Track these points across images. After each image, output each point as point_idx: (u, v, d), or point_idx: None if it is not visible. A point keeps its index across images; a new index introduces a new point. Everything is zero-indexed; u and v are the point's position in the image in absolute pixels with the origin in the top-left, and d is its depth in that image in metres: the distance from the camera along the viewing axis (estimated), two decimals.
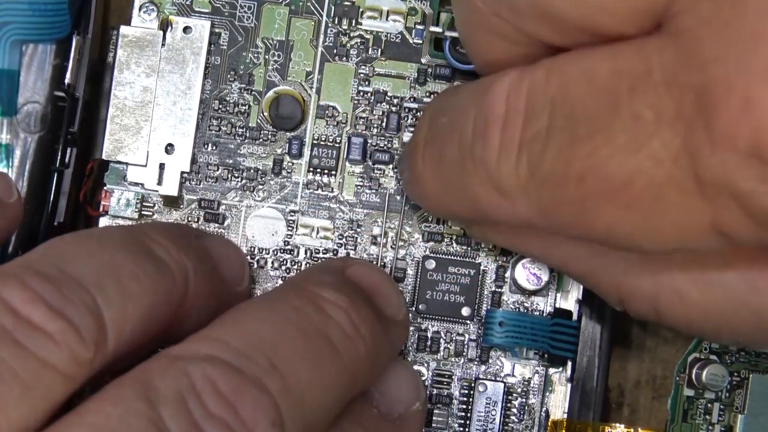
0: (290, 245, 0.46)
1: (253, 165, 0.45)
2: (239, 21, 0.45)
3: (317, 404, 0.35)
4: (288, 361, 0.34)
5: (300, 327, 0.36)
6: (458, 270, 0.45)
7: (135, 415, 0.30)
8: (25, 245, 0.45)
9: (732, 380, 0.47)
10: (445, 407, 0.45)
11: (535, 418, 0.45)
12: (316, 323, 0.36)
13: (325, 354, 0.36)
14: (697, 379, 0.47)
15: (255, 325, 0.35)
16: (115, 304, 0.33)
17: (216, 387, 0.32)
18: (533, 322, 0.44)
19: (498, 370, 0.45)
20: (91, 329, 0.31)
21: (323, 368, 0.35)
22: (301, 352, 0.35)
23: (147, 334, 0.34)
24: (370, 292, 0.40)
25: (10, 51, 0.42)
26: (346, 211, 0.46)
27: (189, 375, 0.32)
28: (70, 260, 0.33)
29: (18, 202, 0.40)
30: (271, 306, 0.38)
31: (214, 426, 0.31)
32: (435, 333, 0.46)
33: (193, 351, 0.33)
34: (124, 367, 0.33)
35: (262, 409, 0.32)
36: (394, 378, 0.41)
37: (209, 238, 0.42)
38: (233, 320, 0.36)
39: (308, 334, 0.36)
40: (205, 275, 0.38)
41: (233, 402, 0.32)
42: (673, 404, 0.47)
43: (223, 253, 0.41)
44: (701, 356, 0.47)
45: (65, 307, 0.31)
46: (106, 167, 0.45)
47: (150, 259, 0.35)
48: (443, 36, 0.44)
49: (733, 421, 0.47)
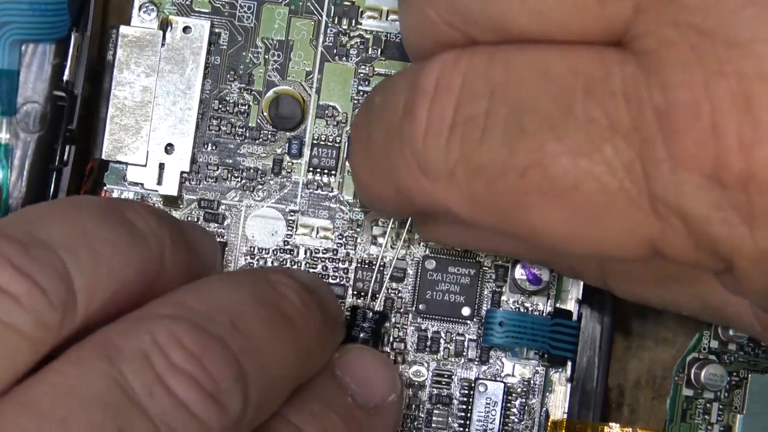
0: (290, 245, 0.46)
1: (253, 165, 0.45)
2: (239, 21, 0.45)
3: (275, 371, 0.34)
4: (248, 325, 0.34)
5: (258, 298, 0.36)
6: (458, 270, 0.45)
7: (95, 375, 0.30)
8: None
9: (731, 380, 0.47)
10: (445, 407, 0.45)
11: (535, 419, 0.45)
12: (272, 297, 0.36)
13: (281, 324, 0.36)
14: (695, 379, 0.47)
15: (216, 292, 0.35)
16: (86, 269, 0.31)
17: (180, 342, 0.31)
18: (533, 322, 0.44)
19: (498, 371, 0.46)
20: (59, 293, 0.30)
21: (281, 337, 0.35)
22: (260, 319, 0.35)
23: (119, 304, 0.33)
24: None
25: (10, 51, 0.42)
26: (346, 211, 0.46)
27: (152, 332, 0.31)
28: (41, 224, 0.32)
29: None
30: (231, 279, 0.38)
31: (179, 379, 0.31)
32: (435, 333, 0.46)
33: (155, 312, 0.33)
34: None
35: (228, 364, 0.32)
36: (371, 368, 0.41)
37: (184, 223, 0.42)
38: (195, 288, 0.35)
39: (265, 304, 0.36)
40: (181, 250, 0.37)
41: (198, 355, 0.31)
42: (672, 404, 0.47)
43: (198, 236, 0.41)
44: (700, 356, 0.47)
45: (32, 270, 0.30)
46: (105, 167, 0.45)
47: (126, 227, 0.34)
48: None
49: (732, 421, 0.47)
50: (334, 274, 0.46)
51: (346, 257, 0.46)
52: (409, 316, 0.45)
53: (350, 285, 0.45)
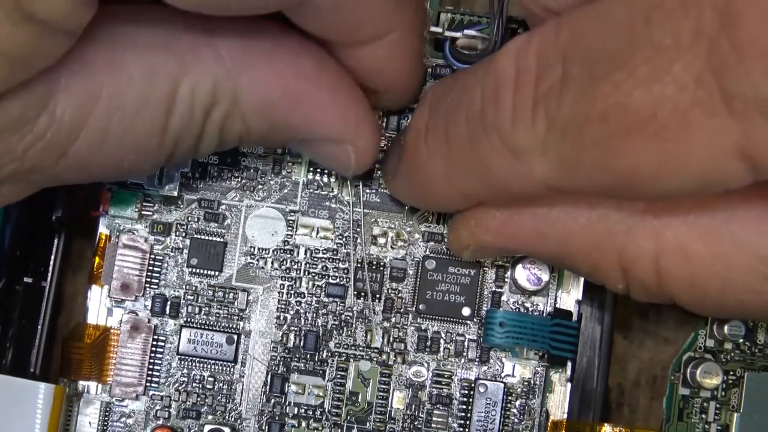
0: (290, 245, 0.46)
1: (253, 165, 0.45)
2: None
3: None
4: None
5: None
6: (458, 270, 0.45)
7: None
8: (24, 244, 0.45)
9: (728, 379, 0.47)
10: (445, 407, 0.45)
11: (535, 419, 0.45)
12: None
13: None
14: (691, 378, 0.47)
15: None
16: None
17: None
18: (533, 322, 0.44)
19: (498, 371, 0.46)
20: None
21: None
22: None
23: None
24: None
25: None
26: (346, 211, 0.46)
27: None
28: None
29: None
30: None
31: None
32: (435, 333, 0.46)
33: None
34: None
35: None
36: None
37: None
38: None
39: None
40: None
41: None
42: (669, 403, 0.47)
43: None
44: (696, 355, 0.47)
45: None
46: None
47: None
48: (443, 36, 0.44)
49: (729, 420, 0.47)
50: (334, 274, 0.46)
51: (346, 257, 0.46)
52: (409, 316, 0.45)
53: (350, 285, 0.45)
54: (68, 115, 0.33)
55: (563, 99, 0.30)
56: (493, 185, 0.34)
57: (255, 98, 0.36)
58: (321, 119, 0.38)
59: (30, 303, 0.45)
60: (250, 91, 0.36)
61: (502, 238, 0.38)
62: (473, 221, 0.38)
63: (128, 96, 0.34)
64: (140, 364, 0.45)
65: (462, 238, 0.39)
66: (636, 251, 0.35)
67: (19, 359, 0.44)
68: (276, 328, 0.45)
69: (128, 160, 0.35)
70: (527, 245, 0.38)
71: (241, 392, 0.45)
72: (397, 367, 0.45)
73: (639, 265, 0.35)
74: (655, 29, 0.27)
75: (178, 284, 0.45)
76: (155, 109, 0.34)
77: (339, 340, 0.45)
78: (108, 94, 0.33)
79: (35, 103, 0.32)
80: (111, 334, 0.45)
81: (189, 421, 0.45)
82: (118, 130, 0.34)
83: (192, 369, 0.45)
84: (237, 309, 0.45)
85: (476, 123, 0.34)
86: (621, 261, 0.35)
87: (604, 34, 0.29)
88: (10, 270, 0.44)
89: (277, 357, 0.45)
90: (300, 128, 0.38)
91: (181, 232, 0.45)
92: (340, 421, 0.45)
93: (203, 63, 0.35)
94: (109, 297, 0.45)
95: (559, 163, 0.31)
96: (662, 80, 0.27)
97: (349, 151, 0.39)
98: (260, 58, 0.36)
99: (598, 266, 0.36)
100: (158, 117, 0.35)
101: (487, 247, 0.39)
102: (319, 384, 0.45)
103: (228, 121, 0.36)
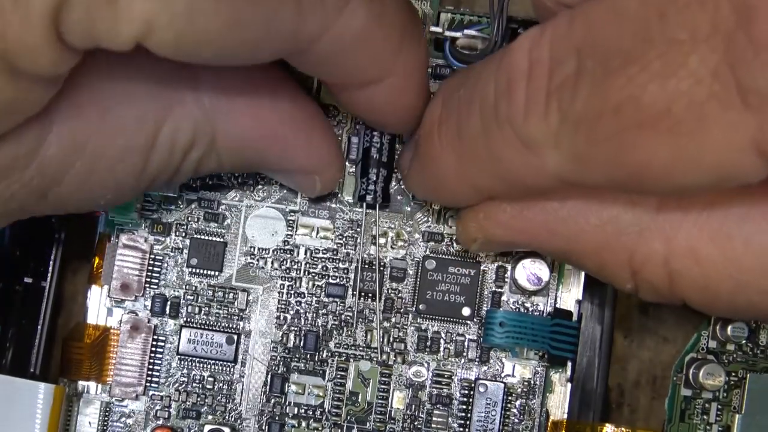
0: (290, 245, 0.46)
1: None
2: None
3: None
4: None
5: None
6: (458, 270, 0.45)
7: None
8: (22, 243, 0.45)
9: (729, 380, 0.47)
10: (445, 407, 0.45)
11: (535, 419, 0.45)
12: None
13: None
14: (694, 379, 0.47)
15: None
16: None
17: None
18: (533, 322, 0.44)
19: (498, 371, 0.45)
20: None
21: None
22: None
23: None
24: None
25: None
26: (346, 211, 0.46)
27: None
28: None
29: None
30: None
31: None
32: (435, 333, 0.45)
33: None
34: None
35: None
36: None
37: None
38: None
39: None
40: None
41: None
42: (671, 404, 0.47)
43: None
44: (698, 356, 0.47)
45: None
46: None
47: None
48: (443, 36, 0.44)
49: (731, 421, 0.47)
50: (334, 274, 0.45)
51: (346, 257, 0.46)
52: (409, 316, 0.45)
53: (350, 285, 0.45)
54: (55, 162, 0.33)
55: (577, 92, 0.30)
56: (506, 178, 0.34)
57: (232, 139, 0.37)
58: (293, 155, 0.40)
59: (30, 303, 0.45)
60: (229, 133, 0.37)
61: (511, 232, 0.38)
62: (482, 214, 0.38)
63: (114, 143, 0.34)
64: (140, 364, 0.45)
65: (470, 230, 0.39)
66: (646, 253, 0.35)
67: (19, 359, 0.44)
68: (276, 328, 0.45)
69: (105, 199, 0.36)
70: (536, 240, 0.38)
71: (241, 392, 0.45)
72: (397, 367, 0.45)
73: (649, 266, 0.35)
74: (669, 23, 0.27)
75: (178, 284, 0.45)
76: (137, 154, 0.35)
77: (339, 340, 0.45)
78: (95, 142, 0.34)
79: (26, 151, 0.32)
80: (111, 334, 0.45)
81: (189, 421, 0.45)
82: (100, 175, 0.34)
83: (192, 369, 0.45)
84: (237, 309, 0.45)
85: (489, 116, 0.33)
86: (631, 262, 0.35)
87: (618, 27, 0.29)
88: (10, 270, 0.44)
89: (277, 357, 0.45)
90: (273, 163, 0.40)
91: (181, 232, 0.45)
92: (340, 421, 0.45)
93: (185, 107, 0.35)
94: (109, 297, 0.45)
95: (572, 155, 0.31)
96: (677, 74, 0.27)
97: (316, 180, 0.41)
98: (240, 99, 0.37)
99: (606, 266, 0.36)
100: (139, 161, 0.35)
101: (495, 241, 0.39)
102: (319, 384, 0.45)
103: (204, 158, 0.37)
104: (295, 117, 0.39)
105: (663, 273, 0.34)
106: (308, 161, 0.40)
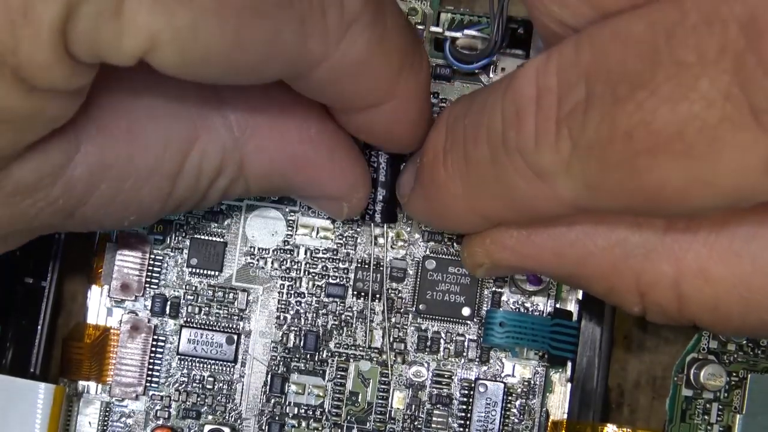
0: (290, 245, 0.46)
1: None
2: None
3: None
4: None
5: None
6: (458, 270, 0.45)
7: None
8: (24, 244, 0.44)
9: (730, 380, 0.47)
10: (445, 407, 0.45)
11: (535, 419, 0.45)
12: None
13: None
14: (695, 379, 0.47)
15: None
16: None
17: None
18: (533, 322, 0.44)
19: (498, 371, 0.45)
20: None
21: None
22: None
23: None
24: None
25: None
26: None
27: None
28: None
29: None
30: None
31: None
32: (435, 333, 0.45)
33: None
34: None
35: None
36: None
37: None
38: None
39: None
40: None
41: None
42: (672, 404, 0.47)
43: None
44: (699, 356, 0.47)
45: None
46: None
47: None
48: (443, 36, 0.44)
49: (732, 421, 0.47)
50: (334, 274, 0.46)
51: (346, 257, 0.46)
52: (409, 316, 0.45)
53: (350, 285, 0.45)
54: (82, 182, 0.33)
55: (587, 119, 0.29)
56: (516, 207, 0.34)
57: (260, 165, 0.37)
58: (321, 181, 0.39)
59: (30, 303, 0.45)
60: (256, 158, 0.37)
61: (519, 257, 0.38)
62: (489, 239, 0.38)
63: (141, 164, 0.34)
64: (140, 364, 0.45)
65: (476, 256, 0.39)
66: (655, 275, 0.35)
67: (19, 359, 0.44)
68: (276, 328, 0.45)
69: (129, 220, 0.36)
70: (544, 265, 0.38)
71: (241, 392, 0.45)
72: (397, 367, 0.45)
73: (658, 289, 0.35)
74: (677, 46, 0.27)
75: (178, 284, 0.45)
76: (164, 178, 0.35)
77: (339, 340, 0.45)
78: (122, 162, 0.33)
79: (52, 169, 0.32)
80: (111, 334, 0.45)
81: (189, 421, 0.45)
82: (126, 196, 0.34)
83: (192, 369, 0.45)
84: (237, 309, 0.45)
85: (497, 145, 0.33)
86: (639, 285, 0.35)
87: (624, 51, 0.29)
88: (10, 270, 0.44)
89: (277, 357, 0.45)
90: (300, 188, 0.39)
91: (181, 232, 0.45)
92: (340, 421, 0.45)
93: (213, 131, 0.35)
94: (108, 297, 0.45)
95: (585, 183, 0.31)
96: (688, 97, 0.27)
97: (344, 206, 0.41)
98: (267, 123, 0.36)
99: (614, 289, 0.36)
100: (166, 185, 0.35)
101: (502, 266, 0.38)
102: (319, 384, 0.45)
103: (232, 184, 0.37)
104: (322, 139, 0.38)
105: (672, 295, 0.34)
106: (336, 187, 0.40)
